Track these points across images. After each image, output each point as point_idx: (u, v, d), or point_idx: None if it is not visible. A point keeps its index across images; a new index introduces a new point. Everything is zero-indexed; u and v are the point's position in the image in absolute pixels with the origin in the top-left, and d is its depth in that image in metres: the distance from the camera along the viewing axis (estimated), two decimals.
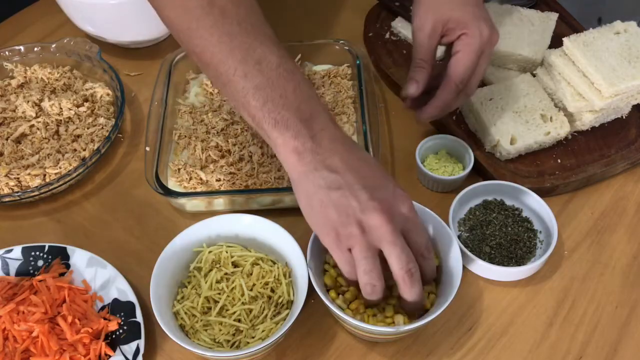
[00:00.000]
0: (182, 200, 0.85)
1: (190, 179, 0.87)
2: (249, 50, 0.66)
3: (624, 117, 0.92)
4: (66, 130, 0.93)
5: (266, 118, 0.65)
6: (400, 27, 1.05)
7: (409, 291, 0.64)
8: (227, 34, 0.67)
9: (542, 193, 0.83)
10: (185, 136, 0.92)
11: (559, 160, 0.89)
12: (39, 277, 0.77)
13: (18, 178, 0.87)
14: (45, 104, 0.95)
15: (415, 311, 0.69)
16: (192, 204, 0.86)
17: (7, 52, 1.01)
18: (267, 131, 0.65)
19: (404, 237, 0.64)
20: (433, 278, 0.70)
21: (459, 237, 0.82)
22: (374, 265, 0.63)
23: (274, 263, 0.77)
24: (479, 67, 0.79)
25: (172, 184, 0.87)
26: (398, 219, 0.64)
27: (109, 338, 0.74)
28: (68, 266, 0.79)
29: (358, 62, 0.96)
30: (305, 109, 0.65)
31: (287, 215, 0.83)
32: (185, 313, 0.72)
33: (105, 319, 0.74)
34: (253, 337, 0.71)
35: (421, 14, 0.79)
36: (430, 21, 0.78)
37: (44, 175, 0.88)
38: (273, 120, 0.65)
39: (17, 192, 0.85)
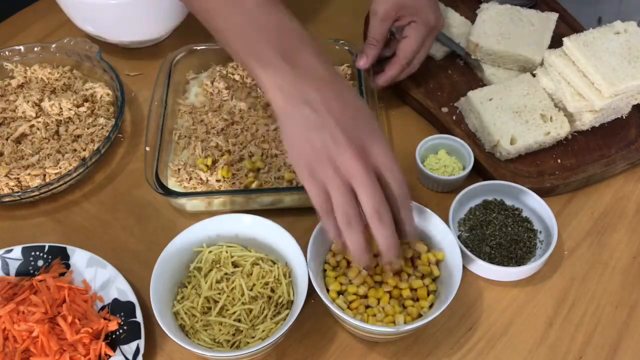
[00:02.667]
0: (182, 200, 0.85)
1: (190, 179, 0.87)
2: None
3: (624, 117, 0.92)
4: (66, 131, 0.93)
5: (248, 56, 0.66)
6: None
7: (377, 233, 0.64)
8: None
9: (542, 193, 0.83)
10: (185, 136, 0.92)
11: (559, 160, 0.89)
12: (39, 277, 0.77)
13: (18, 178, 0.87)
14: (45, 104, 0.95)
15: (388, 263, 0.68)
16: (192, 204, 0.86)
17: (7, 52, 1.01)
18: (251, 69, 0.66)
19: (379, 182, 0.64)
20: (416, 234, 0.69)
21: (459, 237, 0.82)
22: (346, 198, 0.63)
23: (274, 263, 0.77)
24: (423, 49, 0.91)
25: (172, 184, 0.87)
26: (372, 161, 0.64)
27: (109, 338, 0.74)
28: (68, 266, 0.79)
29: None
30: (288, 44, 0.65)
31: (287, 215, 0.83)
32: (185, 313, 0.72)
33: (105, 319, 0.74)
34: (253, 337, 0.71)
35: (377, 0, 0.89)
36: (383, 7, 0.88)
37: (44, 175, 0.88)
38: (255, 57, 0.65)
39: (17, 192, 0.85)
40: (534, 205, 0.83)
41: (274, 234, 0.76)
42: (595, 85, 0.85)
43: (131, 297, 0.76)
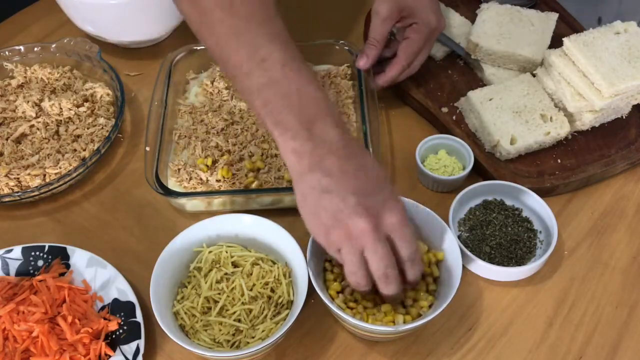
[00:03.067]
0: (182, 200, 0.85)
1: (190, 179, 0.87)
2: (255, 48, 0.67)
3: (624, 117, 0.92)
4: (66, 131, 0.93)
5: (268, 117, 0.66)
6: None
7: (384, 289, 0.67)
8: (234, 31, 0.68)
9: (542, 193, 0.83)
10: (185, 136, 0.92)
11: (559, 160, 0.89)
12: (39, 277, 0.77)
13: (18, 178, 0.87)
14: (45, 104, 0.95)
15: (392, 303, 0.71)
16: (192, 204, 0.86)
17: (7, 52, 1.01)
18: (269, 129, 0.67)
19: (391, 243, 0.65)
20: (417, 282, 0.71)
21: (459, 237, 0.82)
22: (358, 267, 0.65)
23: (274, 263, 0.77)
24: (424, 51, 0.91)
25: (172, 184, 0.87)
26: (384, 227, 0.64)
27: (109, 338, 0.74)
28: (68, 266, 0.79)
29: None
30: (308, 110, 0.65)
31: (287, 215, 0.83)
32: (185, 313, 0.72)
33: (105, 319, 0.74)
34: (253, 337, 0.71)
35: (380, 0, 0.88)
36: (386, 8, 0.87)
37: (44, 175, 0.88)
38: (274, 120, 0.66)
39: (17, 192, 0.85)
40: (534, 205, 0.83)
41: (274, 234, 0.76)
42: (595, 85, 0.85)
43: (131, 297, 0.76)
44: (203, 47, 0.99)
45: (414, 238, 0.67)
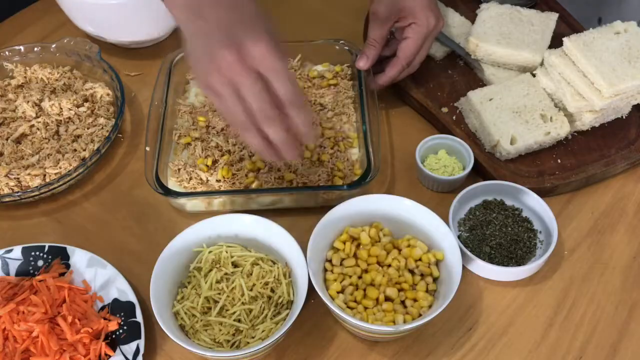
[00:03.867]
0: (182, 200, 0.85)
1: (190, 179, 0.87)
2: None
3: (624, 117, 0.92)
4: (66, 131, 0.93)
5: None
6: None
7: (268, 132, 0.64)
8: None
9: (542, 193, 0.83)
10: (185, 136, 0.92)
11: (559, 160, 0.89)
12: (39, 277, 0.77)
13: (18, 178, 0.87)
14: (45, 104, 0.95)
15: (286, 165, 0.71)
16: (192, 204, 0.86)
17: (7, 52, 1.01)
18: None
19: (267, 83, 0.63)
20: (312, 135, 0.67)
21: (459, 237, 0.82)
22: (233, 103, 0.63)
23: (274, 263, 0.77)
24: (422, 50, 0.91)
25: (172, 184, 0.87)
26: (251, 60, 0.62)
27: (109, 338, 0.74)
28: (68, 266, 0.79)
29: None
30: None
31: (287, 215, 0.83)
32: (185, 313, 0.72)
33: (105, 319, 0.74)
34: (253, 337, 0.71)
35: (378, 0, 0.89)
36: (384, 9, 0.88)
37: (44, 175, 0.88)
38: None
39: (17, 192, 0.85)
40: (534, 205, 0.83)
41: (274, 234, 0.76)
42: (595, 85, 0.85)
43: (131, 297, 0.76)
44: None
45: (289, 77, 0.64)
